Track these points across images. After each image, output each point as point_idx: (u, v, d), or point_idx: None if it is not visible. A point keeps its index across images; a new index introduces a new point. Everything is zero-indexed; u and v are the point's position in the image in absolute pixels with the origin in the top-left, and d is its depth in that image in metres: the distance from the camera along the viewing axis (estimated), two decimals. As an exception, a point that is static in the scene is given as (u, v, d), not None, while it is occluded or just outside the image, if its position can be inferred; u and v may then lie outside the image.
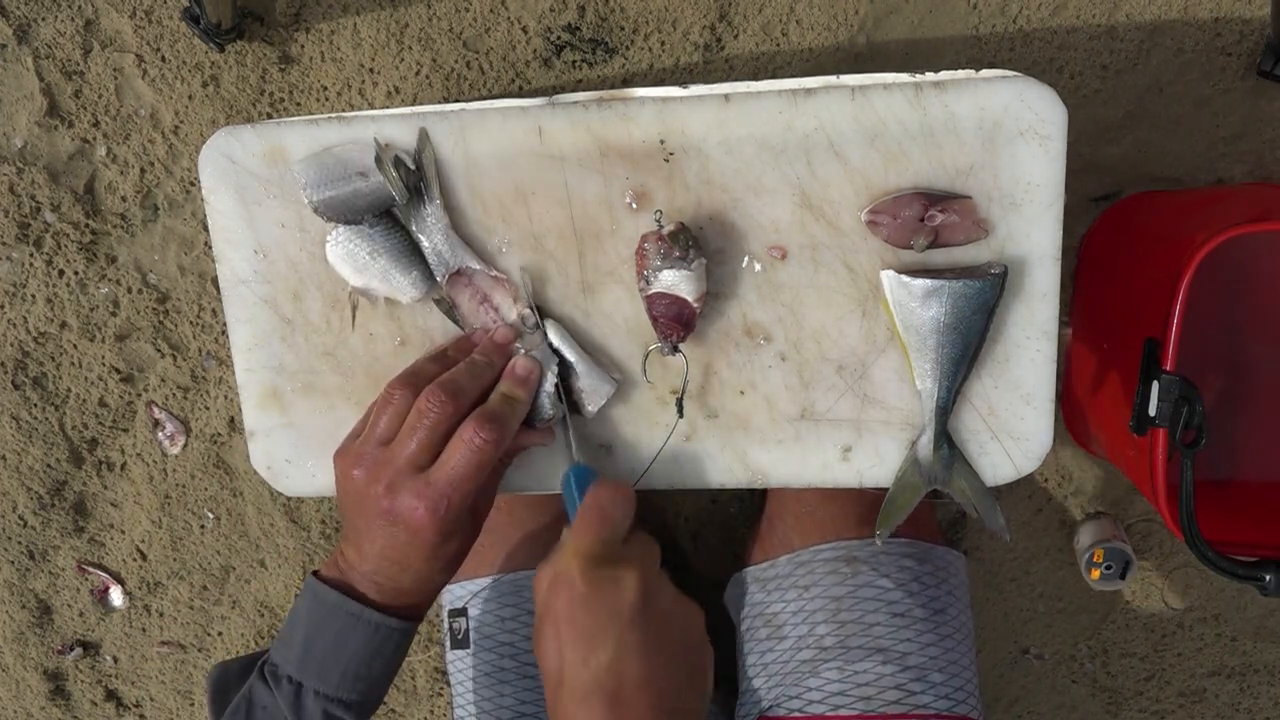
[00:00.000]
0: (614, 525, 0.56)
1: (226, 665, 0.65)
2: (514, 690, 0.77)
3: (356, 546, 0.61)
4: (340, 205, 0.63)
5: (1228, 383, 0.85)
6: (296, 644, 0.62)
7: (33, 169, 0.95)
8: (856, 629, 0.74)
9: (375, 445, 0.60)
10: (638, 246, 0.61)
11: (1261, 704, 1.08)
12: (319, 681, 0.61)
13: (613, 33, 0.90)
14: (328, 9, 0.90)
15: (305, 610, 0.62)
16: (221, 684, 0.64)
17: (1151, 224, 0.83)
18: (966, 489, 0.64)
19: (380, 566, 0.61)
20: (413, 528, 0.58)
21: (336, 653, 0.61)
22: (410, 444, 0.58)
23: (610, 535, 0.56)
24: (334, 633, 0.61)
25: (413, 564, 0.60)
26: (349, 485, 0.61)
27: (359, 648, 0.61)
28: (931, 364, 0.61)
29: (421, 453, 0.58)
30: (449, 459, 0.58)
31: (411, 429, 0.59)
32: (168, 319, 0.99)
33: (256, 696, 0.63)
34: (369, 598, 0.61)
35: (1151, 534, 1.02)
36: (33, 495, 1.04)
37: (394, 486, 0.58)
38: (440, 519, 0.58)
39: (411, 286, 0.65)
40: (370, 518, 0.59)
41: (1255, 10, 0.87)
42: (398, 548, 0.60)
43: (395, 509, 0.58)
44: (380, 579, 0.61)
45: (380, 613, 0.61)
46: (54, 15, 0.92)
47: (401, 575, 0.61)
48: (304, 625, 0.62)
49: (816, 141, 0.60)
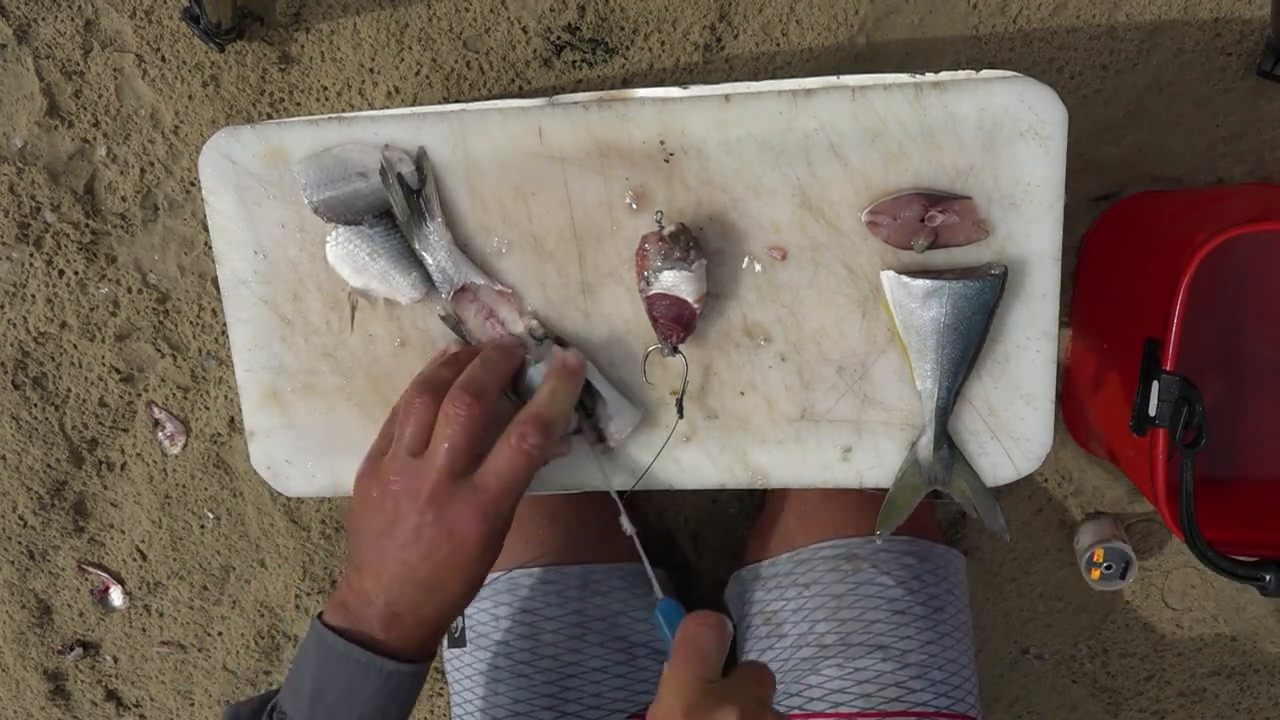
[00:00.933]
0: (706, 659, 0.54)
1: (238, 709, 0.63)
2: (509, 689, 0.77)
3: (375, 575, 0.59)
4: (340, 206, 0.63)
5: (1228, 383, 0.85)
6: (305, 694, 0.59)
7: (33, 169, 0.95)
8: (857, 626, 0.74)
9: (406, 457, 0.58)
10: (638, 247, 0.61)
11: (1261, 704, 1.08)
12: None
13: (613, 33, 0.90)
14: (328, 9, 0.90)
15: (312, 658, 0.60)
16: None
17: (1151, 224, 0.83)
18: (966, 489, 0.64)
19: (404, 593, 0.58)
20: (459, 537, 0.57)
21: (349, 702, 0.59)
22: (444, 451, 0.57)
23: (705, 669, 0.53)
24: (344, 682, 0.59)
25: (444, 583, 0.58)
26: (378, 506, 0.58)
27: (371, 696, 0.59)
28: (931, 364, 0.61)
29: (458, 458, 0.57)
30: (496, 463, 0.57)
31: (443, 436, 0.57)
32: (168, 319, 0.99)
33: None
34: (379, 639, 0.59)
35: (1151, 534, 1.02)
36: (33, 495, 1.04)
37: (438, 497, 0.57)
38: (490, 525, 0.57)
39: (411, 288, 0.64)
40: (404, 537, 0.57)
41: (1255, 10, 0.87)
42: (432, 565, 0.57)
43: (443, 518, 0.56)
44: (400, 609, 0.59)
45: (392, 660, 0.59)
46: (54, 15, 0.92)
47: (426, 600, 0.59)
48: (311, 673, 0.59)
49: (816, 142, 0.60)
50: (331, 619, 0.60)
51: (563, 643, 0.78)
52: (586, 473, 0.67)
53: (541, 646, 0.78)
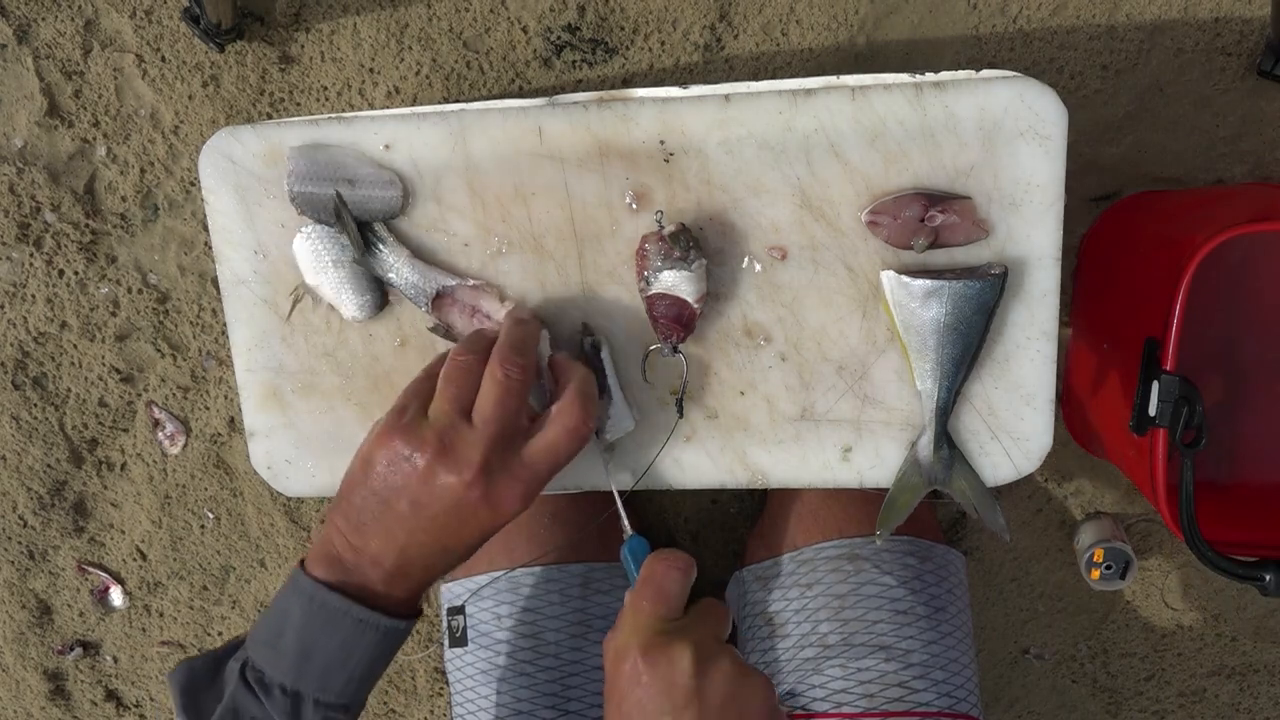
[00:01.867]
0: (668, 599, 0.55)
1: (193, 664, 0.59)
2: (511, 688, 0.77)
3: (388, 536, 0.56)
4: (317, 204, 0.63)
5: (1228, 383, 0.85)
6: (290, 651, 0.57)
7: (33, 169, 0.95)
8: (860, 626, 0.74)
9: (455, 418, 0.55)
10: (638, 247, 0.61)
11: (1261, 704, 1.08)
12: (320, 690, 0.57)
13: (613, 33, 0.90)
14: (328, 9, 0.90)
15: (300, 614, 0.57)
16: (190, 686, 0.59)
17: (1151, 224, 0.83)
18: (966, 489, 0.64)
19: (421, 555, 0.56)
20: (501, 512, 0.55)
21: (343, 661, 0.57)
22: (497, 417, 0.54)
23: (666, 609, 0.55)
24: (338, 641, 0.56)
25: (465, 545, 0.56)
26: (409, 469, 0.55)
27: (366, 654, 0.57)
28: (932, 364, 0.61)
29: (509, 425, 0.54)
30: (549, 441, 0.55)
31: (493, 399, 0.54)
32: (168, 319, 0.99)
33: (242, 706, 0.57)
34: (379, 594, 0.57)
35: (1151, 534, 1.02)
36: (33, 495, 1.04)
37: (490, 467, 0.54)
38: (529, 502, 0.55)
39: (358, 309, 0.65)
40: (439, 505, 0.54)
41: (1255, 10, 0.87)
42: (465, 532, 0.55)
43: (491, 493, 0.54)
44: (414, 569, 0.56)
45: (390, 617, 0.57)
46: (54, 15, 0.92)
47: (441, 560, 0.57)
48: (298, 630, 0.57)
49: (817, 142, 0.60)
50: (320, 572, 0.58)
51: (565, 641, 0.78)
52: (587, 472, 0.67)
53: (544, 645, 0.78)
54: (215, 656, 0.60)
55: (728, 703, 0.52)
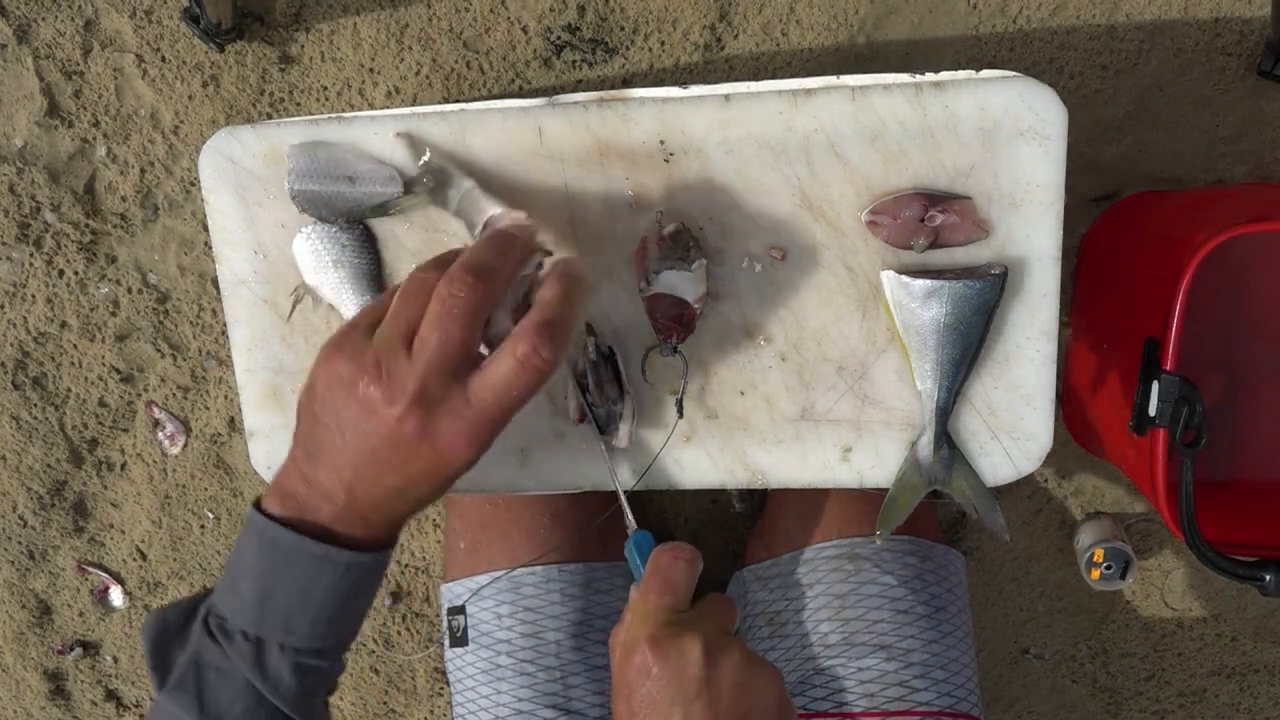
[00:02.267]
0: (676, 590, 0.54)
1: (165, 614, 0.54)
2: (512, 687, 0.77)
3: (334, 467, 0.50)
4: (318, 201, 0.63)
5: (1228, 383, 0.85)
6: (248, 595, 0.52)
7: (33, 169, 0.95)
8: (861, 626, 0.74)
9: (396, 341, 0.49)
10: (638, 247, 0.61)
11: (1261, 704, 1.08)
12: (284, 635, 0.52)
13: (613, 33, 0.90)
14: (328, 9, 0.90)
15: (254, 555, 0.52)
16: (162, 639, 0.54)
17: (1151, 224, 0.83)
18: (966, 489, 0.64)
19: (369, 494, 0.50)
20: (443, 454, 0.49)
21: (303, 602, 0.52)
22: (436, 342, 0.48)
23: (674, 600, 0.54)
24: (295, 581, 0.51)
25: (415, 489, 0.51)
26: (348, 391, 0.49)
27: (328, 591, 0.52)
28: (931, 364, 0.61)
29: (452, 352, 0.48)
30: (496, 374, 0.48)
31: (435, 322, 0.48)
32: (168, 319, 0.99)
33: (206, 658, 0.53)
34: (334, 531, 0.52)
35: (1151, 534, 1.02)
36: (33, 495, 1.04)
37: (426, 398, 0.47)
38: (479, 448, 0.49)
39: (358, 309, 0.65)
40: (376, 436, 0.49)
41: (1255, 10, 0.87)
42: (407, 474, 0.50)
43: (428, 428, 0.48)
44: (364, 508, 0.51)
45: (350, 550, 0.51)
46: (54, 15, 0.92)
47: (394, 502, 0.51)
48: (254, 572, 0.52)
49: (816, 142, 0.60)
50: (275, 508, 0.53)
51: (566, 641, 0.78)
52: (588, 472, 0.67)
53: (545, 645, 0.78)
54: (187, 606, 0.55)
55: (738, 692, 0.52)
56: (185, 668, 0.53)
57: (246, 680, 0.52)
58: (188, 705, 0.52)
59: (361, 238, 0.64)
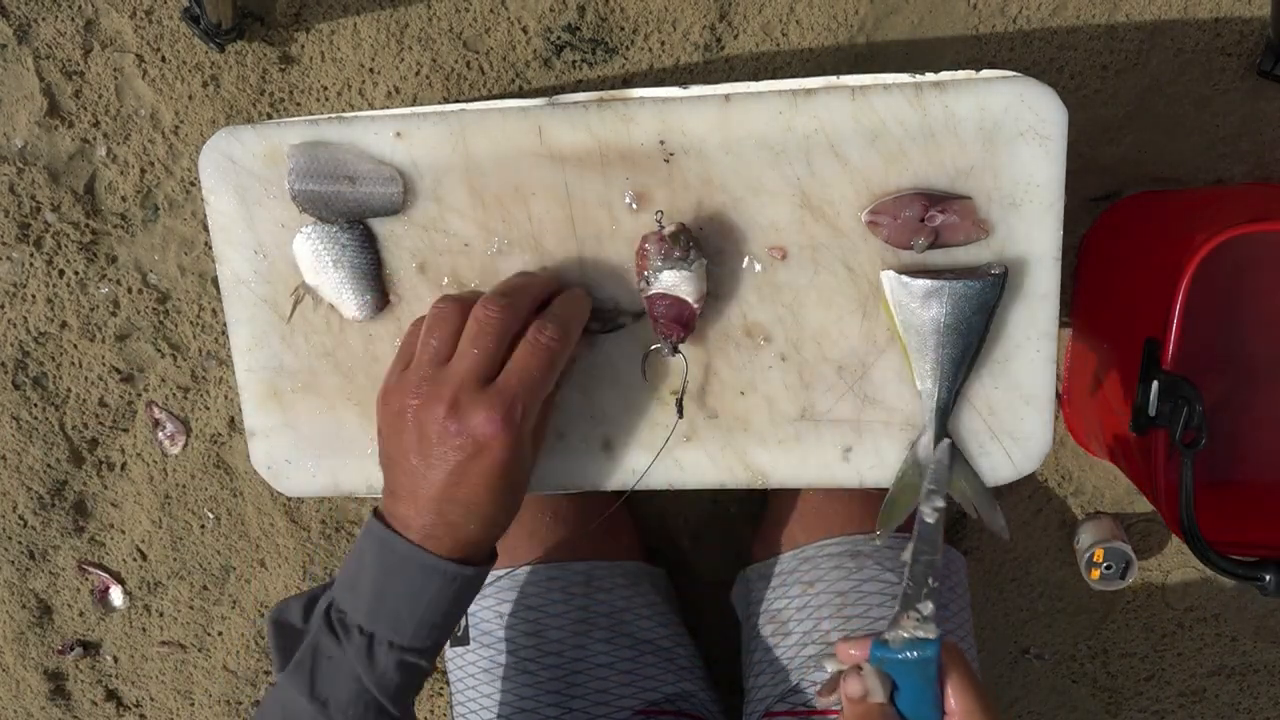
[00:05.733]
0: None
1: (288, 605, 0.61)
2: (514, 686, 0.77)
3: (411, 498, 0.57)
4: (319, 202, 0.63)
5: (1228, 383, 0.85)
6: (365, 593, 0.58)
7: (33, 169, 0.95)
8: (862, 624, 0.75)
9: (430, 367, 0.56)
10: (638, 247, 0.61)
11: (1261, 704, 1.08)
12: (393, 633, 0.57)
13: (613, 33, 0.90)
14: (328, 9, 0.90)
15: (373, 558, 0.58)
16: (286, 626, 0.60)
17: (1151, 224, 0.83)
18: (966, 489, 0.64)
19: (442, 513, 0.56)
20: (481, 442, 0.55)
21: (411, 605, 0.57)
22: (471, 356, 0.55)
23: None
24: (407, 585, 0.57)
25: (478, 499, 0.56)
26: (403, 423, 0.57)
27: (434, 598, 0.57)
28: (932, 364, 0.61)
29: (487, 363, 0.55)
30: (514, 362, 0.56)
31: (470, 341, 0.56)
32: (168, 319, 0.99)
33: (322, 646, 0.58)
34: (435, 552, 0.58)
35: (1151, 534, 1.02)
36: (33, 495, 1.04)
37: (459, 403, 0.55)
38: (512, 426, 0.55)
39: (358, 309, 0.65)
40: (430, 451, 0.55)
41: (1255, 10, 0.87)
42: (463, 480, 0.56)
43: (465, 427, 0.54)
44: (441, 532, 0.57)
45: (457, 564, 0.57)
46: (54, 15, 0.92)
47: (467, 520, 0.57)
48: (372, 573, 0.57)
49: (816, 142, 0.60)
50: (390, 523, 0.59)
51: (567, 639, 0.78)
52: (588, 472, 0.67)
53: (546, 643, 0.78)
54: (310, 596, 0.62)
55: None
56: (304, 653, 0.58)
57: (353, 670, 0.57)
58: (301, 687, 0.58)
59: (361, 238, 0.64)
